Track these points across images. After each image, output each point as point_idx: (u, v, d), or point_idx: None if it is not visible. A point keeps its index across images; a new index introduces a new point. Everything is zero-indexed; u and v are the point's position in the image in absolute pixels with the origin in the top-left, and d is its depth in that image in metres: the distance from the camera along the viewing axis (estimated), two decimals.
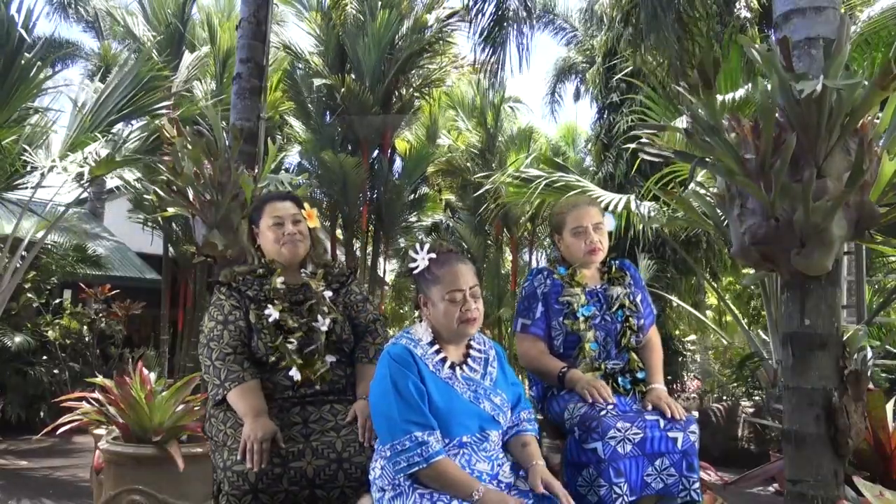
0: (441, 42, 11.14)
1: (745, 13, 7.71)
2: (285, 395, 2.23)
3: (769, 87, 2.43)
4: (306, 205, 2.49)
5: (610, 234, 2.62)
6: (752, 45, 2.46)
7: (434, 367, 1.89)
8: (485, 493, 1.72)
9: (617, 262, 2.63)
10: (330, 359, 2.30)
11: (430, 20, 10.87)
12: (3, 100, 4.50)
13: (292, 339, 2.25)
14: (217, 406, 2.24)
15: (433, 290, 1.92)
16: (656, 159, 3.10)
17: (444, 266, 1.93)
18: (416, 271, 1.96)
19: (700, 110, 2.46)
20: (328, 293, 2.39)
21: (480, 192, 8.41)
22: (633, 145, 3.52)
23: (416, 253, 1.96)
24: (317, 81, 10.63)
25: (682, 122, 3.78)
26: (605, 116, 9.34)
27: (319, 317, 2.31)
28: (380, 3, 10.78)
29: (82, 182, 5.41)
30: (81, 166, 4.95)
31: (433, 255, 1.95)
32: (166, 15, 10.11)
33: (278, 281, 2.34)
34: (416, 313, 2.01)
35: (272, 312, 2.26)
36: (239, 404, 2.14)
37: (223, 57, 9.47)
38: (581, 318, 2.45)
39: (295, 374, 2.22)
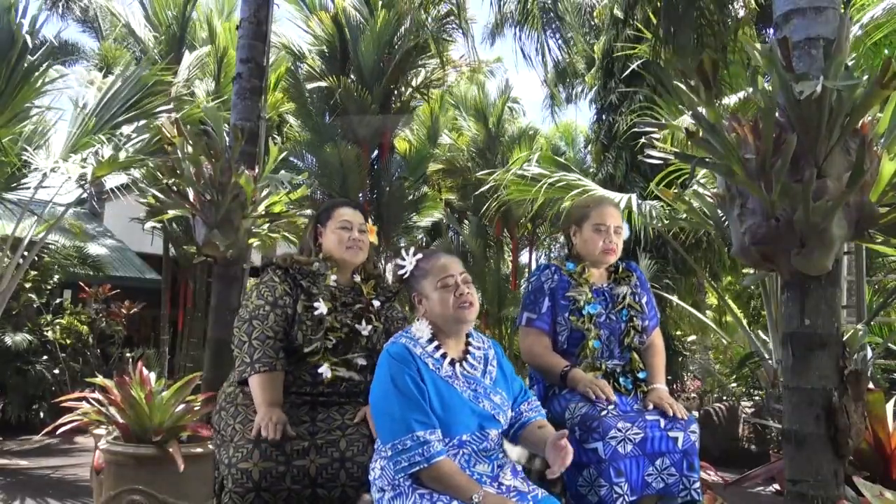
0: (441, 40, 11.13)
1: (742, 13, 7.70)
2: (302, 391, 2.26)
3: (769, 87, 2.43)
4: (370, 220, 2.56)
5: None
6: (753, 45, 2.46)
7: (434, 365, 1.90)
8: (485, 497, 1.72)
9: (624, 263, 2.64)
10: (361, 363, 2.32)
11: (428, 19, 10.86)
12: (6, 101, 4.53)
13: (332, 338, 2.28)
14: (232, 393, 2.27)
15: (424, 284, 1.95)
16: (658, 161, 3.10)
17: (430, 259, 1.97)
18: (405, 275, 1.99)
19: (701, 110, 2.46)
20: (376, 303, 2.44)
21: (482, 191, 8.43)
22: (642, 140, 3.52)
23: (404, 259, 2.00)
24: (312, 84, 10.64)
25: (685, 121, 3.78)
26: (604, 118, 9.34)
27: (364, 321, 2.35)
28: (380, 2, 10.78)
29: (84, 183, 5.41)
30: (83, 167, 4.96)
31: (419, 256, 1.99)
32: (166, 16, 10.10)
33: (332, 279, 2.38)
34: (413, 314, 2.02)
35: (321, 307, 2.29)
36: (259, 391, 2.16)
37: (220, 56, 9.47)
38: (586, 316, 2.45)
39: (326, 371, 2.24)
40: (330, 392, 2.27)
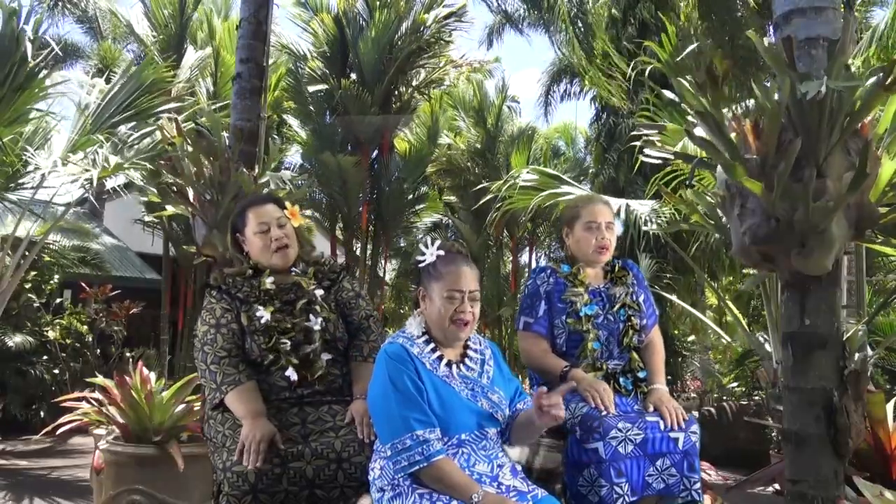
0: (440, 41, 11.14)
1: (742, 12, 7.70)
2: (282, 396, 2.23)
3: (778, 87, 2.42)
4: (288, 203, 2.46)
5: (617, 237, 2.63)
6: (761, 44, 2.45)
7: (431, 365, 1.90)
8: (484, 497, 1.72)
9: (620, 261, 2.64)
10: (325, 357, 2.29)
11: (428, 20, 10.88)
12: (8, 103, 4.55)
13: (285, 340, 2.24)
14: (215, 409, 2.23)
15: (434, 286, 1.93)
16: (657, 160, 3.10)
17: (449, 264, 1.94)
18: (422, 265, 1.97)
19: (706, 109, 2.45)
20: (319, 291, 2.36)
21: (481, 191, 8.43)
22: (642, 140, 3.52)
23: (427, 248, 1.97)
24: (314, 87, 10.65)
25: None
26: (605, 119, 9.32)
27: (312, 316, 2.29)
28: (378, 2, 10.78)
29: (90, 185, 5.42)
30: (87, 169, 4.96)
31: (441, 252, 1.95)
32: (163, 15, 10.11)
33: (268, 281, 2.31)
34: (416, 310, 2.02)
35: (263, 314, 2.25)
36: (237, 406, 2.14)
37: (220, 57, 9.48)
38: (584, 317, 2.45)
39: (291, 374, 2.21)
40: (310, 392, 2.24)
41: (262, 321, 2.24)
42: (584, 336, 2.43)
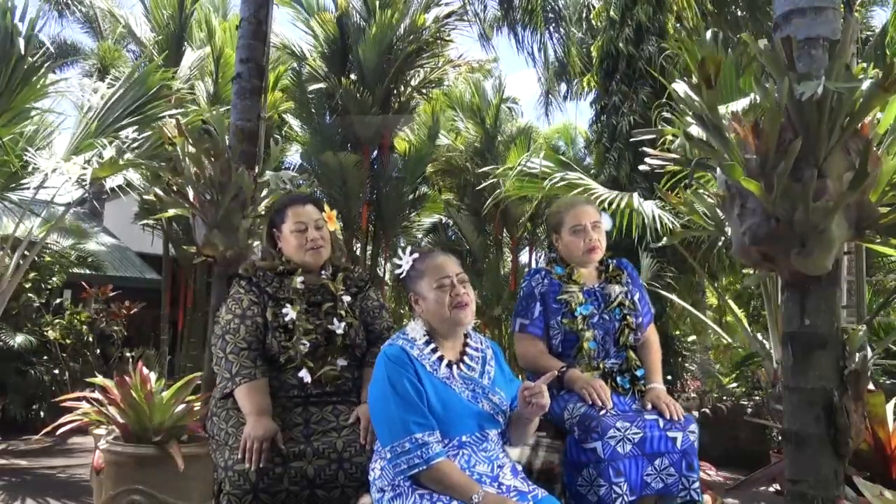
0: (440, 41, 11.15)
1: (740, 12, 7.71)
2: (290, 395, 2.25)
3: (780, 88, 2.41)
4: (326, 207, 2.50)
5: (607, 233, 2.63)
6: (756, 44, 2.45)
7: (431, 366, 1.90)
8: (485, 497, 1.72)
9: (614, 260, 2.64)
10: (341, 363, 2.31)
11: (427, 20, 10.89)
12: (6, 102, 4.54)
13: (305, 341, 2.26)
14: (222, 401, 2.25)
15: (421, 284, 1.94)
16: (657, 168, 3.10)
17: (427, 259, 1.97)
18: (402, 275, 1.99)
19: (702, 109, 2.45)
20: (347, 297, 2.40)
21: (482, 187, 8.42)
22: (645, 141, 3.51)
23: (400, 259, 2.00)
24: (315, 85, 10.67)
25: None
26: (605, 119, 9.32)
27: (336, 320, 2.32)
28: (378, 3, 10.79)
29: (85, 184, 5.42)
30: (84, 168, 4.96)
31: (416, 255, 1.99)
32: (163, 15, 10.11)
33: (298, 281, 2.34)
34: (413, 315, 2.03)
35: (289, 312, 2.27)
36: (245, 401, 2.15)
37: (218, 56, 9.48)
38: (579, 318, 2.45)
39: (305, 375, 2.23)
40: (318, 393, 2.26)
41: (287, 319, 2.27)
42: (579, 336, 2.44)
